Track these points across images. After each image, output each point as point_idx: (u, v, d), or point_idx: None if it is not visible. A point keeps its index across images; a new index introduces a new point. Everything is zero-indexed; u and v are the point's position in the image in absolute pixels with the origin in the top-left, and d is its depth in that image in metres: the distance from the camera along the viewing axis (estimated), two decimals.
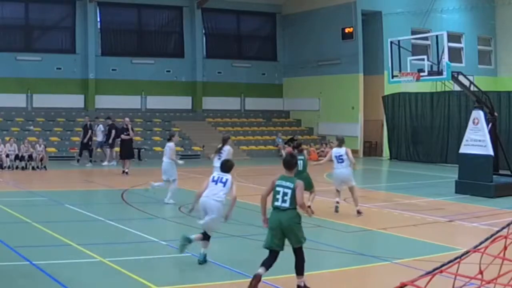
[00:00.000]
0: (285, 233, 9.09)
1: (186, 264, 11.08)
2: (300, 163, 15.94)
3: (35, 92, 35.20)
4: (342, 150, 16.49)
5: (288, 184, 9.11)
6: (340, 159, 16.51)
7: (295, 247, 9.18)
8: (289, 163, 9.39)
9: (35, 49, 35.89)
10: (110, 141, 30.38)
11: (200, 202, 11.05)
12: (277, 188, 9.15)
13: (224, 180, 11.14)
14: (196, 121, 38.63)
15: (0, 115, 33.63)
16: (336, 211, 16.39)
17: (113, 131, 30.02)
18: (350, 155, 16.51)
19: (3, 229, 13.58)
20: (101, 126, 31.23)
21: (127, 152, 26.90)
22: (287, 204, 9.05)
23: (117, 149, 29.17)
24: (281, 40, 42.50)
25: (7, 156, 27.36)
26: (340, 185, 16.76)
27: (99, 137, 31.06)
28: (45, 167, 27.61)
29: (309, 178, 16.11)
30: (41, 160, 27.72)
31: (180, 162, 19.00)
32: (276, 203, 9.11)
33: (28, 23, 35.96)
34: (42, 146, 28.26)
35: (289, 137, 37.49)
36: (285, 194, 9.07)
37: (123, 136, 27.21)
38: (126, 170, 26.00)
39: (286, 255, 12.35)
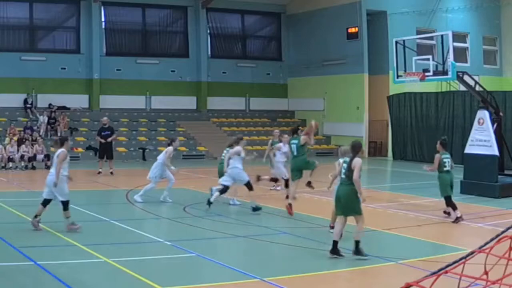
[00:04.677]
0: None
1: (192, 265, 11.08)
2: (293, 147, 16.51)
3: (39, 92, 35.21)
4: None
5: None
6: None
7: None
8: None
9: (39, 49, 35.88)
10: None
11: None
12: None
13: None
14: (200, 121, 38.62)
15: (5, 115, 33.66)
16: None
17: None
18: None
19: (8, 229, 13.59)
20: None
21: (108, 152, 26.64)
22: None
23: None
24: (286, 40, 42.46)
25: (10, 157, 27.38)
26: None
27: None
28: (48, 167, 27.59)
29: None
30: (47, 159, 27.77)
31: None
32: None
33: (32, 23, 35.95)
34: (42, 146, 28.31)
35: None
36: None
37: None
38: (111, 170, 26.07)
39: (287, 255, 12.34)
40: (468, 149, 20.99)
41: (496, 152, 20.37)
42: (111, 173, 25.86)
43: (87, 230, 13.75)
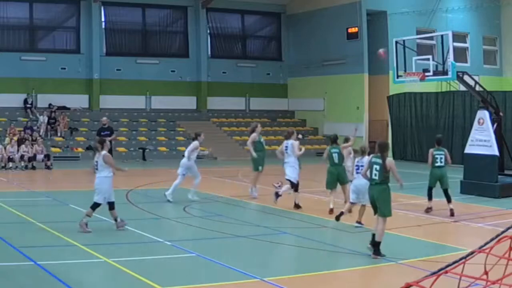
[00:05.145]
0: None
1: (191, 265, 11.08)
2: (335, 155, 16.78)
3: (39, 92, 35.21)
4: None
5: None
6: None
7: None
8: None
9: (39, 49, 35.87)
10: None
11: None
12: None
13: None
14: (200, 121, 38.58)
15: (5, 115, 33.65)
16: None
17: None
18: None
19: (8, 229, 13.59)
20: None
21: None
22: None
23: None
24: (286, 40, 42.46)
25: (10, 157, 27.37)
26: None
27: None
28: (48, 167, 27.62)
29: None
30: (47, 159, 27.79)
31: None
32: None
33: (32, 23, 35.93)
34: (42, 146, 28.32)
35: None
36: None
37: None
38: None
39: (287, 255, 12.34)
40: (468, 149, 20.99)
41: (496, 152, 20.37)
42: None
43: None
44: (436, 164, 17.05)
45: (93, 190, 19.04)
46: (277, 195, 17.39)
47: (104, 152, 13.65)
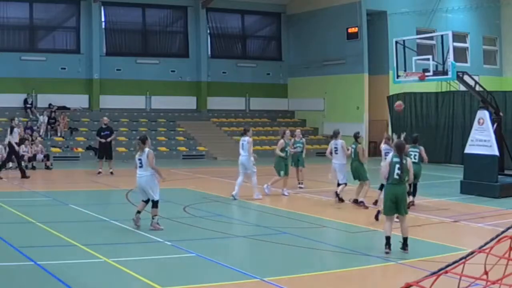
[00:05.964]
0: None
1: (191, 265, 11.07)
2: (352, 151, 17.94)
3: (39, 92, 35.21)
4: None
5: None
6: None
7: None
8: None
9: (39, 49, 35.86)
10: None
11: None
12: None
13: None
14: (200, 121, 38.60)
15: (5, 115, 33.63)
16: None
17: None
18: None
19: (8, 229, 13.59)
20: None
21: (107, 153, 26.47)
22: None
23: None
24: (286, 40, 42.46)
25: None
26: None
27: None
28: (48, 167, 27.61)
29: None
30: (47, 159, 27.79)
31: None
32: None
33: (32, 23, 35.93)
34: (40, 146, 28.32)
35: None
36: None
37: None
38: (111, 170, 25.89)
39: (287, 255, 12.34)
40: (468, 149, 21.00)
41: (496, 152, 20.37)
42: (111, 173, 25.79)
43: (87, 230, 13.76)
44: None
45: (93, 190, 19.06)
46: (338, 197, 17.98)
47: (148, 149, 14.03)
